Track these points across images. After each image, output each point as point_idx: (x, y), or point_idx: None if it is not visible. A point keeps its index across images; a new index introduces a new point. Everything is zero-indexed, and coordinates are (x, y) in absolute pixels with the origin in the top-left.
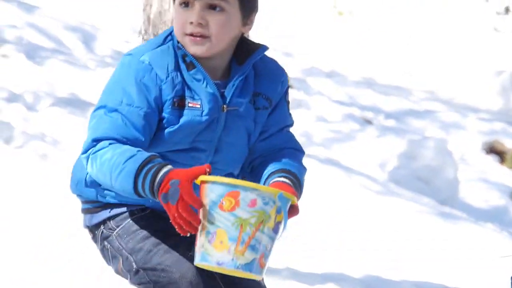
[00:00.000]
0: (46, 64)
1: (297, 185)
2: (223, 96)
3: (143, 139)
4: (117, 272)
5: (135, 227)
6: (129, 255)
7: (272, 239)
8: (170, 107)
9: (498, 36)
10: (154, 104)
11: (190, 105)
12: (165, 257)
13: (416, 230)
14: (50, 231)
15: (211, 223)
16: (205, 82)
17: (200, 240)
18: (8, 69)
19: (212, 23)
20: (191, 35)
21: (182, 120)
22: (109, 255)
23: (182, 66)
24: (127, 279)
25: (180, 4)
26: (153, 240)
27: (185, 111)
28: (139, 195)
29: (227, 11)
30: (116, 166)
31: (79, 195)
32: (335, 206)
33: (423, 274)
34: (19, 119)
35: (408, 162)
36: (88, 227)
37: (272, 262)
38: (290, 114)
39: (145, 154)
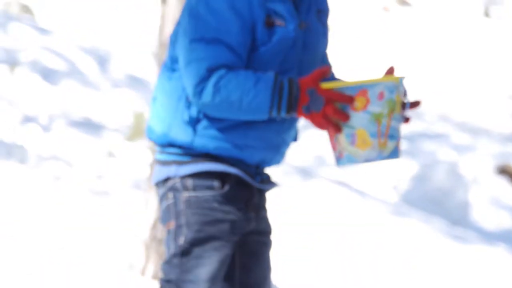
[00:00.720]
0: (60, 86)
1: None
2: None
3: (245, 65)
4: (161, 221)
5: (209, 204)
6: (184, 227)
7: (401, 121)
8: (262, 27)
9: (511, 59)
10: (249, 27)
11: (277, 23)
12: (206, 269)
13: (428, 250)
14: (64, 251)
15: (348, 126)
16: (283, 0)
17: (341, 144)
18: (23, 90)
19: None
20: None
21: (274, 39)
22: (167, 207)
23: None
24: (163, 237)
25: None
26: (214, 231)
27: (276, 29)
28: (270, 114)
29: None
30: (247, 91)
31: (169, 145)
32: (348, 227)
33: None
34: (33, 140)
35: (420, 184)
36: (166, 178)
37: (285, 283)
38: None
39: (269, 74)
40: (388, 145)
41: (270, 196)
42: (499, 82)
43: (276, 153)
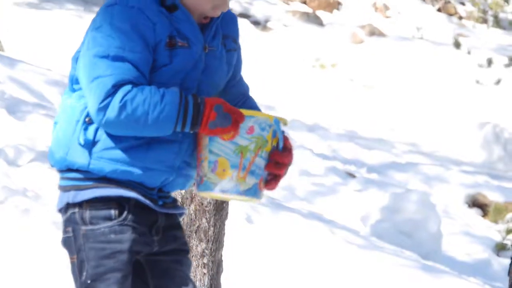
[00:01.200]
0: (27, 119)
1: None
2: (204, 38)
3: (148, 83)
4: (65, 247)
5: (106, 237)
6: (85, 262)
7: (267, 161)
8: (163, 47)
9: (480, 89)
10: (151, 47)
11: (179, 44)
12: None
13: (399, 284)
14: (34, 285)
15: (212, 152)
16: (189, 22)
17: (202, 170)
18: None
19: None
20: (209, 17)
21: (175, 60)
22: (68, 241)
23: (164, 10)
24: (72, 273)
25: None
26: (114, 264)
27: (177, 51)
28: (175, 128)
29: None
30: (153, 106)
31: (68, 169)
32: (317, 260)
33: None
34: (0, 174)
35: (391, 215)
36: (66, 205)
37: None
38: None
39: (174, 89)
40: (247, 181)
41: (241, 230)
42: (469, 112)
43: (178, 175)
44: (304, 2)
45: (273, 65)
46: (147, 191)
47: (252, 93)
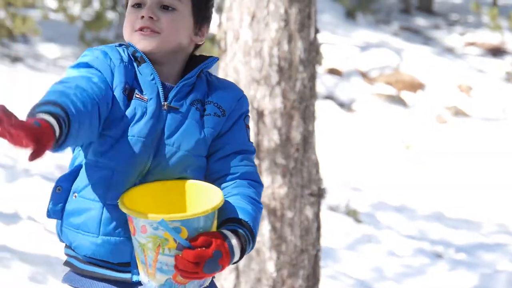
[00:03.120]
0: None
1: (247, 236)
2: (166, 97)
3: (74, 99)
4: None
5: None
6: None
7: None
8: (120, 93)
9: None
10: (104, 81)
11: (137, 96)
12: None
13: None
14: None
15: (134, 242)
16: (152, 76)
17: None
18: None
19: (163, 19)
20: (141, 29)
21: (128, 110)
22: None
23: (133, 63)
24: None
25: (133, 5)
26: None
27: (132, 102)
28: None
29: (179, 11)
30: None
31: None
32: None
33: None
34: None
35: None
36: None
37: None
38: (251, 142)
39: (44, 100)
40: (157, 277)
41: None
42: None
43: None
44: (388, 83)
45: (358, 146)
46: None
47: (337, 174)
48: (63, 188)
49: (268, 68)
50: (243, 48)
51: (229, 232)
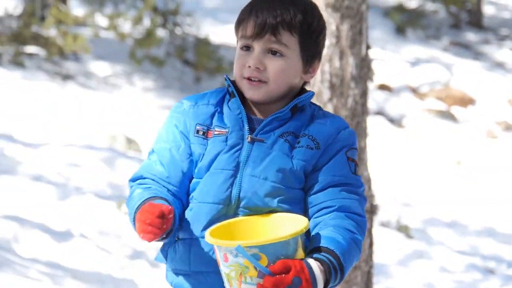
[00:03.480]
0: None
1: (332, 265)
2: (253, 129)
3: (167, 174)
4: None
5: None
6: None
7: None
8: (193, 134)
9: None
10: (180, 137)
11: (216, 132)
12: None
13: None
14: None
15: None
16: (238, 110)
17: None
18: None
19: (270, 68)
20: (249, 79)
21: (208, 148)
22: None
23: (226, 98)
24: None
25: (242, 47)
26: None
27: (211, 140)
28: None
29: (287, 57)
30: (129, 203)
31: None
32: None
33: None
34: (142, 275)
35: None
36: None
37: None
38: (355, 175)
39: (143, 198)
40: None
41: None
42: None
43: None
44: (438, 98)
45: (408, 162)
46: None
47: (388, 189)
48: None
49: (319, 84)
50: None
51: (311, 259)
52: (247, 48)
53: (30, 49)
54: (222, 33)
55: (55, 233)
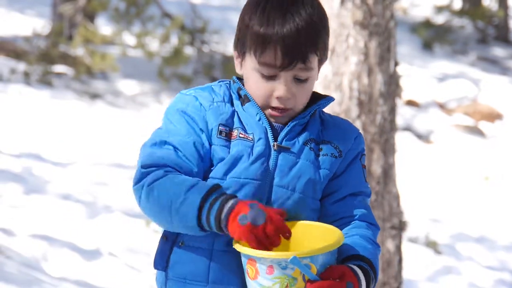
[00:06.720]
0: None
1: (370, 271)
2: (276, 136)
3: (196, 170)
4: None
5: None
6: None
7: None
8: (216, 135)
9: None
10: (201, 134)
11: (241, 136)
12: None
13: None
14: None
15: None
16: (258, 116)
17: None
18: None
19: (299, 96)
20: (276, 108)
21: (232, 150)
22: None
23: (236, 101)
24: None
25: (263, 77)
26: None
27: (235, 142)
28: (201, 228)
29: (312, 77)
30: (177, 196)
31: None
32: None
33: None
34: None
35: None
36: None
37: None
38: (367, 183)
39: (208, 183)
40: None
41: None
42: None
43: None
44: (466, 114)
45: (436, 177)
46: None
47: (416, 205)
48: (168, 237)
49: (348, 101)
50: (323, 82)
51: (355, 266)
52: (271, 77)
53: (58, 68)
54: None
55: (84, 251)
